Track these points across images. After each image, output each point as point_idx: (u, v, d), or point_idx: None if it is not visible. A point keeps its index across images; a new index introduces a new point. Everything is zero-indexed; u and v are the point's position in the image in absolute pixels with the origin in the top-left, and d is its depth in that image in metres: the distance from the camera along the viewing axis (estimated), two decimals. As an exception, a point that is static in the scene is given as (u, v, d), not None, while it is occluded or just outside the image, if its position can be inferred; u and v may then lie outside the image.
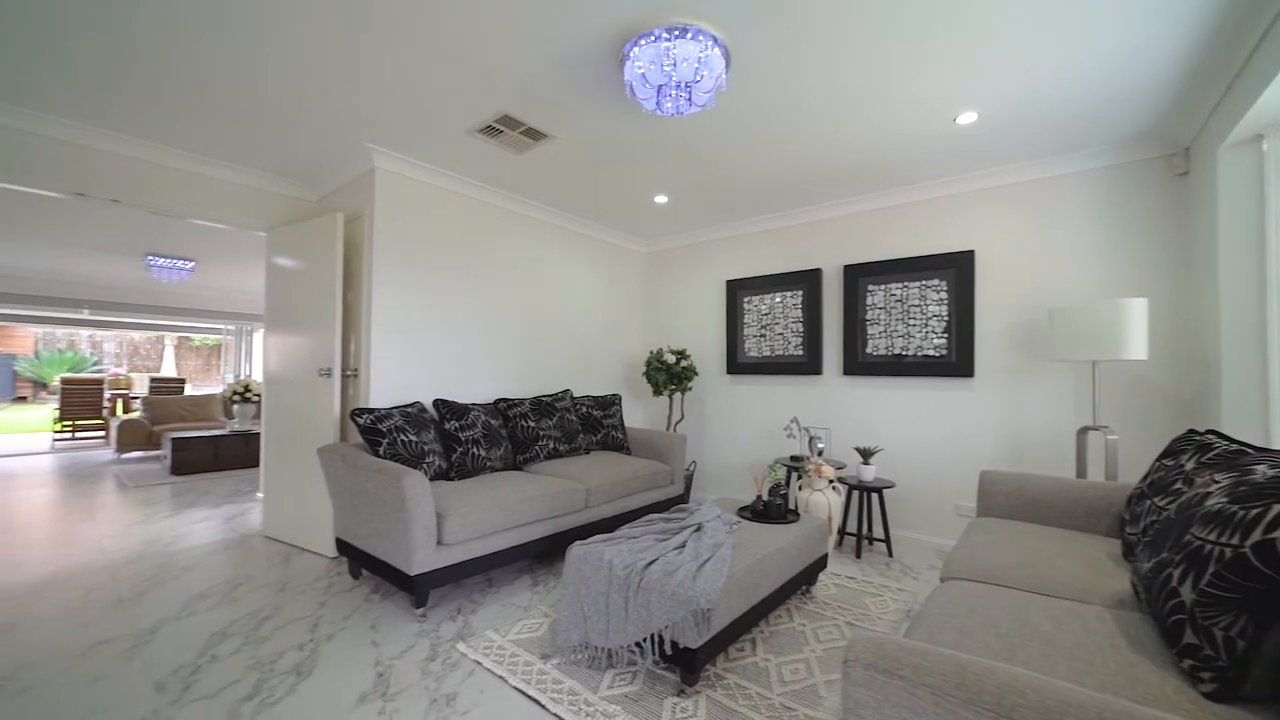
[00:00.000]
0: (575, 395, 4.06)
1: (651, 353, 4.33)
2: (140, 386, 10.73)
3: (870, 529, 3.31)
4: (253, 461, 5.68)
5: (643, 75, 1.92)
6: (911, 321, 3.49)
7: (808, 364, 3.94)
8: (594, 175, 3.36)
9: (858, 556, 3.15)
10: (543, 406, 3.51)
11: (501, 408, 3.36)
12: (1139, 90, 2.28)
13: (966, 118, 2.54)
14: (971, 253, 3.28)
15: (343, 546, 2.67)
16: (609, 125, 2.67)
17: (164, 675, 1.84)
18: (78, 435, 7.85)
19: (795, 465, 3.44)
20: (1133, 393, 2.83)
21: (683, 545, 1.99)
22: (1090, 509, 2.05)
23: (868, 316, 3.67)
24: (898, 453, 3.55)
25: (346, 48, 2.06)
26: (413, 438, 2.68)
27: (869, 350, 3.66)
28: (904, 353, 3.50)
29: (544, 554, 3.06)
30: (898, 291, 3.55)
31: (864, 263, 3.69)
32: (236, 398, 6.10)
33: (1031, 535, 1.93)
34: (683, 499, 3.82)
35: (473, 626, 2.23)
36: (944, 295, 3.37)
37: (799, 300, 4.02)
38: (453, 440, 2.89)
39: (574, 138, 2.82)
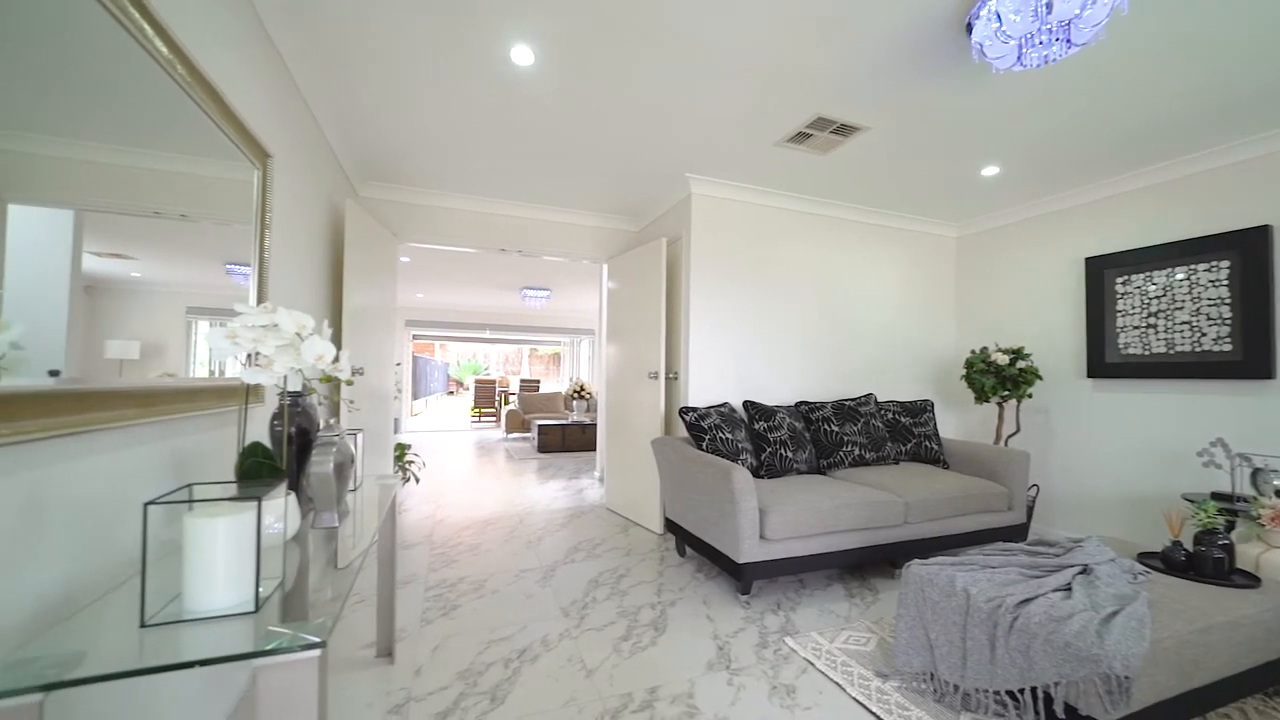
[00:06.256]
0: (879, 400, 3.77)
1: (974, 352, 3.70)
2: (513, 386, 14.55)
3: (1401, 622, 2.10)
4: (588, 445, 7.07)
5: (997, 31, 1.66)
6: None
7: (1244, 363, 2.77)
8: (906, 159, 3.06)
9: (1373, 660, 2.05)
10: (845, 411, 3.36)
11: (803, 410, 3.36)
12: None
13: None
14: None
15: (670, 525, 3.08)
16: (935, 101, 2.40)
17: (565, 604, 2.44)
18: (482, 419, 11.15)
19: (1227, 506, 2.45)
20: None
21: (1066, 587, 1.62)
22: None
23: (1381, 289, 2.37)
24: None
25: (670, 88, 2.36)
26: (729, 435, 2.90)
27: (1385, 342, 2.35)
28: None
29: (854, 565, 2.92)
30: None
31: (1371, 207, 2.40)
32: (575, 395, 7.69)
33: None
34: (1023, 529, 3.14)
35: (795, 624, 2.27)
36: None
37: (1223, 275, 2.86)
38: (762, 440, 3.02)
39: (890, 124, 2.63)
